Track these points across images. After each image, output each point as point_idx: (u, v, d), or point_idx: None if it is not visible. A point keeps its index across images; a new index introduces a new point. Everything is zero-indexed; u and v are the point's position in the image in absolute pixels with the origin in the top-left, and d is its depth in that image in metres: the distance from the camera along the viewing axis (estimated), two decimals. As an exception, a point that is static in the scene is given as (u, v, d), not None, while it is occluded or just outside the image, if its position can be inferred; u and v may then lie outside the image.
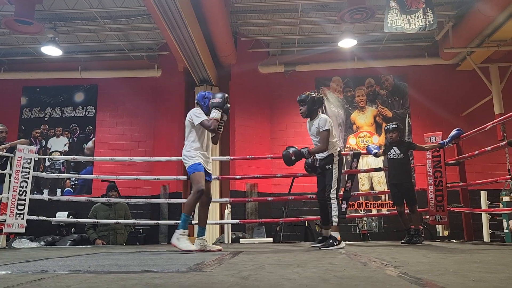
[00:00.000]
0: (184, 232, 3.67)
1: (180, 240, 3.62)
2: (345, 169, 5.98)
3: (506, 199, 6.87)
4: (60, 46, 9.02)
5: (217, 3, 7.26)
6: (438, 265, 2.34)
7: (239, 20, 9.16)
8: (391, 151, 5.06)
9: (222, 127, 4.12)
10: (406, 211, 4.88)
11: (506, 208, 6.32)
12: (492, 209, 7.07)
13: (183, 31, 7.04)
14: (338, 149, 4.20)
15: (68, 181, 10.12)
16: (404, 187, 4.84)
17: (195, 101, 4.16)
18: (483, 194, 7.24)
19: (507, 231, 6.83)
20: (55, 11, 8.58)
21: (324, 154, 4.13)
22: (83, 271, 2.14)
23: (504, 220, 6.96)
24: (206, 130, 3.93)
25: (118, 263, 2.58)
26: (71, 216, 8.15)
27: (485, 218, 7.31)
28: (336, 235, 3.92)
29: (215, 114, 3.86)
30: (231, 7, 8.53)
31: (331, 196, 4.00)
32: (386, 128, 5.22)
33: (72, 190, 10.05)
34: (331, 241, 3.89)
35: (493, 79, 8.74)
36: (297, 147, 4.12)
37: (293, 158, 4.06)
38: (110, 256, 3.22)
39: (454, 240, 5.34)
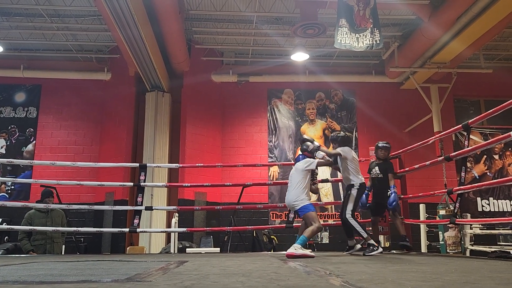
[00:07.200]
0: (301, 248, 4.01)
1: (297, 250, 3.92)
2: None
3: (442, 212, 7.25)
4: (1, 42, 8.50)
5: (171, 8, 7.17)
6: (378, 274, 2.41)
7: (193, 28, 9.10)
8: (372, 170, 5.26)
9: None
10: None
11: (442, 220, 6.68)
12: (430, 221, 7.46)
13: (133, 31, 6.85)
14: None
15: (3, 185, 9.47)
16: (383, 204, 5.15)
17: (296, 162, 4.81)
18: (422, 207, 7.65)
19: (443, 242, 7.22)
20: (-4, 5, 8.09)
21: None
22: (12, 282, 1.99)
23: (440, 232, 7.36)
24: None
25: (52, 273, 2.43)
26: (4, 223, 7.61)
27: (423, 230, 7.70)
28: (372, 241, 4.52)
29: (320, 153, 4.72)
30: (186, 14, 8.45)
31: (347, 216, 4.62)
32: (377, 145, 5.34)
33: (7, 196, 9.41)
34: (371, 247, 4.45)
35: (433, 99, 9.28)
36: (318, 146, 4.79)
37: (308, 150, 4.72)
38: (45, 266, 3.03)
39: (394, 251, 5.55)
